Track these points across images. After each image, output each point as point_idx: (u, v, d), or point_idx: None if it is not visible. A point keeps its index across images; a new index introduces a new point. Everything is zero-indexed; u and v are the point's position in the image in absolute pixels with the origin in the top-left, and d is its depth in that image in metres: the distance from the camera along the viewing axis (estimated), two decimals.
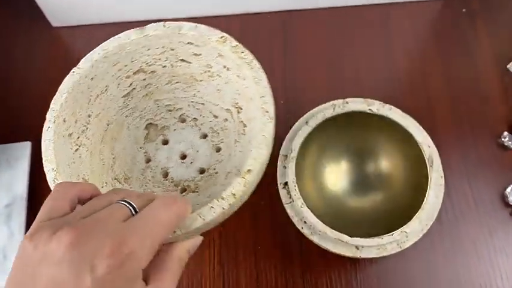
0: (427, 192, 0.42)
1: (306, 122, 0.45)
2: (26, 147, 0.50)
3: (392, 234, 0.41)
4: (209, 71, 0.43)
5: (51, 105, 0.39)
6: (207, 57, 0.42)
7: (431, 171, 0.43)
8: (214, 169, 0.44)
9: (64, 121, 0.39)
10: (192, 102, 0.46)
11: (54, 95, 0.40)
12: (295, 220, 0.42)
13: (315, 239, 0.41)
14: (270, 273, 0.47)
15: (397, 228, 0.41)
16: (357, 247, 0.41)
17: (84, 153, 0.41)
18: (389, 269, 0.48)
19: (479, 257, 0.49)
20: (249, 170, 0.34)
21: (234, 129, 0.44)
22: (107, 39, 0.42)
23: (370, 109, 0.45)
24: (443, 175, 0.44)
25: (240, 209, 0.38)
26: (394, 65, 0.59)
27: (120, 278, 0.25)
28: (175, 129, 0.46)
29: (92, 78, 0.41)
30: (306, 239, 0.42)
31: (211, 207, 0.33)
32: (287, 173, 0.43)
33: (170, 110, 0.46)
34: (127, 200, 0.29)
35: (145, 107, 0.46)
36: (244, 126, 0.42)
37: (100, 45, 0.41)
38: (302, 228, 0.41)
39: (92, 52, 0.41)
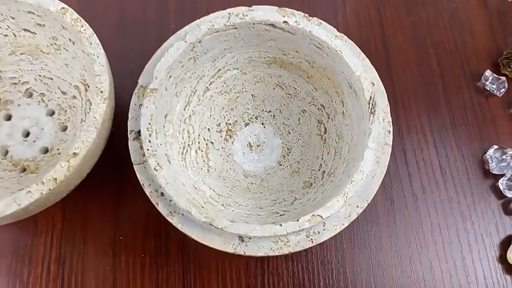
0: (362, 155, 0.26)
1: (185, 37, 0.29)
2: None
3: (297, 220, 0.25)
4: (55, 44, 0.40)
5: None
6: (52, 29, 0.39)
7: (372, 121, 0.27)
8: (58, 149, 0.41)
9: None
10: (39, 76, 0.43)
11: None
12: (147, 191, 0.28)
13: (176, 222, 0.27)
14: (134, 272, 0.34)
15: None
16: (241, 238, 0.26)
17: None
18: (314, 264, 0.33)
19: (446, 254, 0.34)
20: (74, 153, 0.32)
21: (81, 107, 0.41)
22: None
23: (285, 21, 0.27)
24: (391, 129, 0.28)
25: (98, 185, 0.33)
26: None
27: None
28: (19, 105, 0.43)
29: None
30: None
31: (29, 191, 0.31)
32: (142, 114, 0.28)
33: (15, 83, 0.43)
34: None
35: None
36: (91, 104, 0.40)
37: None
38: (158, 204, 0.28)
39: None
